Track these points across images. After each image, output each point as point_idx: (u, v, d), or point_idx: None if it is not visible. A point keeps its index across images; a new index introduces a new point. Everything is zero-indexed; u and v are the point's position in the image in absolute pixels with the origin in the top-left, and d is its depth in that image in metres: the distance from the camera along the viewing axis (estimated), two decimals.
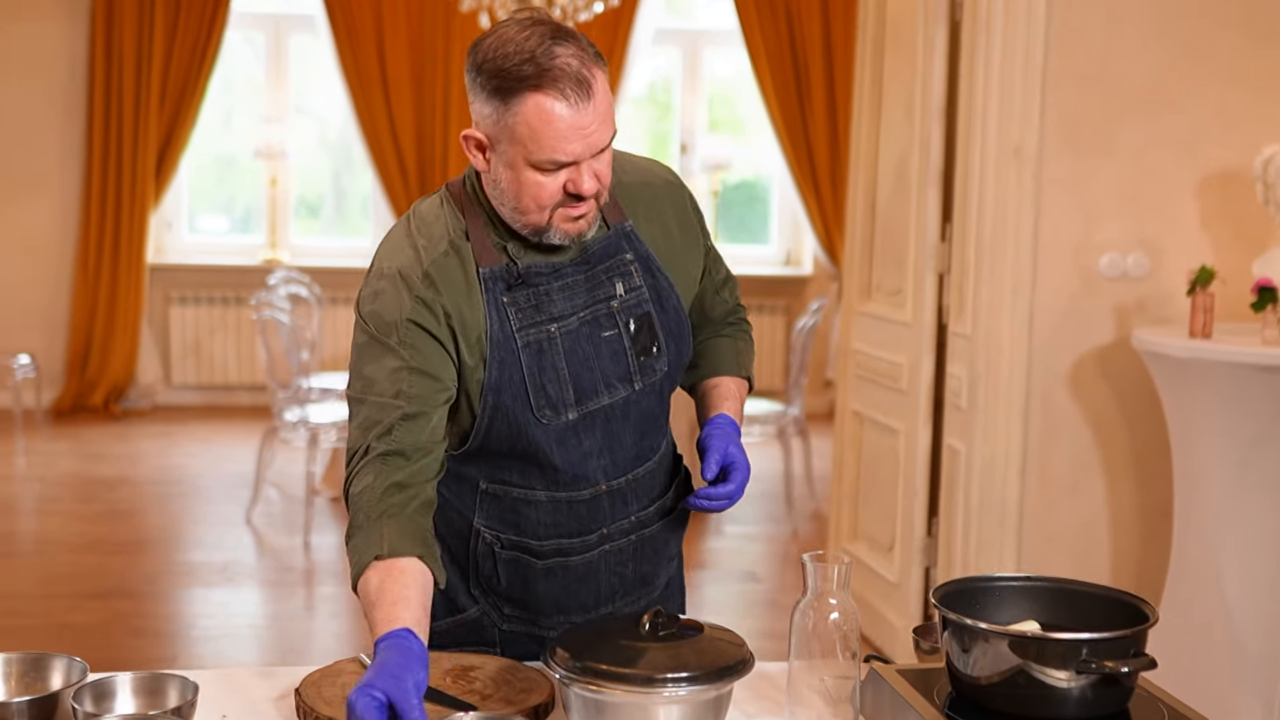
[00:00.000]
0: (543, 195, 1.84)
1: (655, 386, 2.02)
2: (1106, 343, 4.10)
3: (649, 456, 2.07)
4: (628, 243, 1.99)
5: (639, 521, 2.08)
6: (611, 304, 1.97)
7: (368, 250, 8.63)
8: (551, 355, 1.93)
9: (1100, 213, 4.07)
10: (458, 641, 2.10)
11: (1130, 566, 4.19)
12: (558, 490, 1.99)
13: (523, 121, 1.79)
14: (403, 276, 1.87)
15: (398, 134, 8.25)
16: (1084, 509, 4.17)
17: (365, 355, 1.88)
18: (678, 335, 2.04)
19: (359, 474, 1.85)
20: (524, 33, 1.79)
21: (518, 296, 1.91)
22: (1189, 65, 4.04)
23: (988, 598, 1.87)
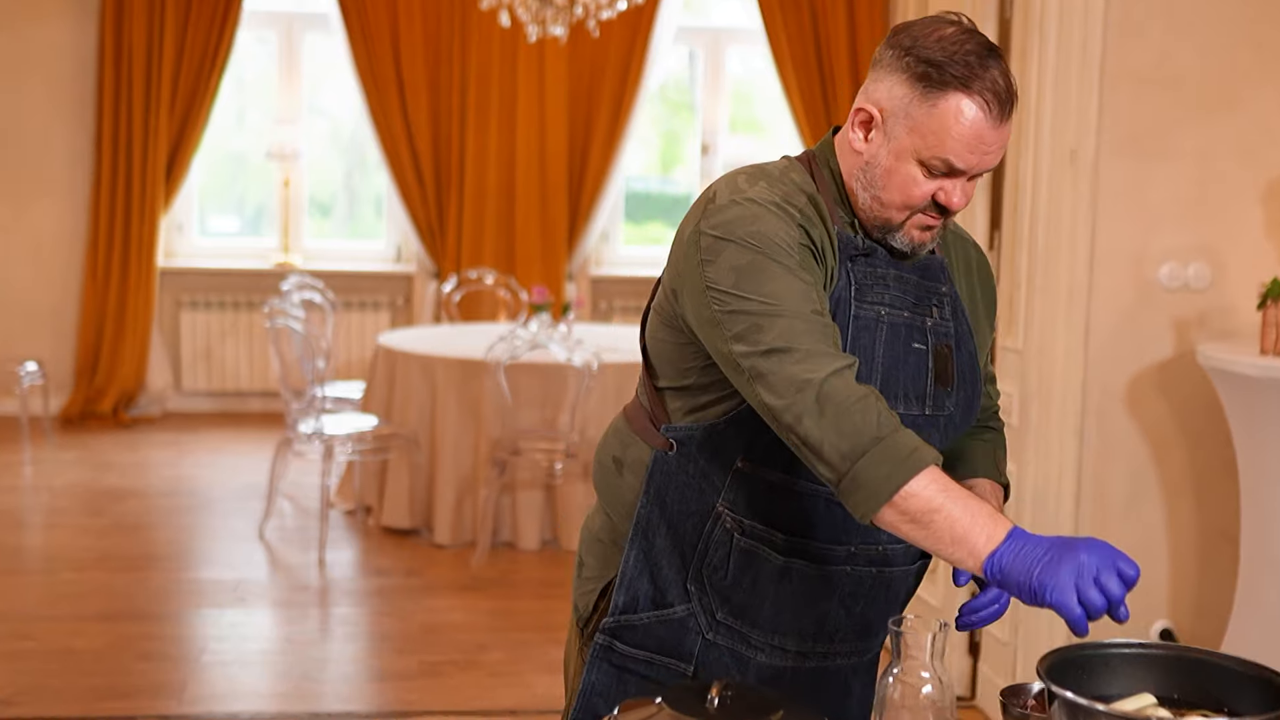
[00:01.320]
0: (913, 193, 1.81)
1: (940, 424, 1.91)
2: (1166, 358, 3.89)
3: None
4: (944, 275, 1.95)
5: (885, 555, 1.94)
6: (927, 320, 1.91)
7: (382, 253, 8.44)
8: (873, 337, 1.85)
9: (1160, 220, 3.86)
10: (656, 641, 1.95)
11: (1189, 594, 3.98)
12: (821, 484, 1.83)
13: (937, 115, 1.76)
14: (780, 206, 1.80)
15: (413, 135, 8.05)
16: (1141, 532, 3.95)
17: (758, 275, 1.74)
18: (969, 385, 1.95)
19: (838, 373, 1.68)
20: (962, 35, 1.78)
21: (859, 269, 1.85)
22: (1253, 64, 3.83)
23: (1096, 667, 1.67)
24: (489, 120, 8.07)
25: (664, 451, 1.93)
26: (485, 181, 8.11)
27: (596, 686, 2.00)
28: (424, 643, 4.67)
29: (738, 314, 1.75)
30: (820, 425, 1.66)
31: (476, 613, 5.00)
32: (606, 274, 8.48)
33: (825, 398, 1.66)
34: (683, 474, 1.92)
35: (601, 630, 1.99)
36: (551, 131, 8.11)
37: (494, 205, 8.14)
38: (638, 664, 1.97)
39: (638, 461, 1.98)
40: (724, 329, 1.76)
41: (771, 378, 1.70)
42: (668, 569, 1.94)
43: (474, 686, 4.29)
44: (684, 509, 1.92)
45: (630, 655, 1.97)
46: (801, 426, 1.67)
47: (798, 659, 1.96)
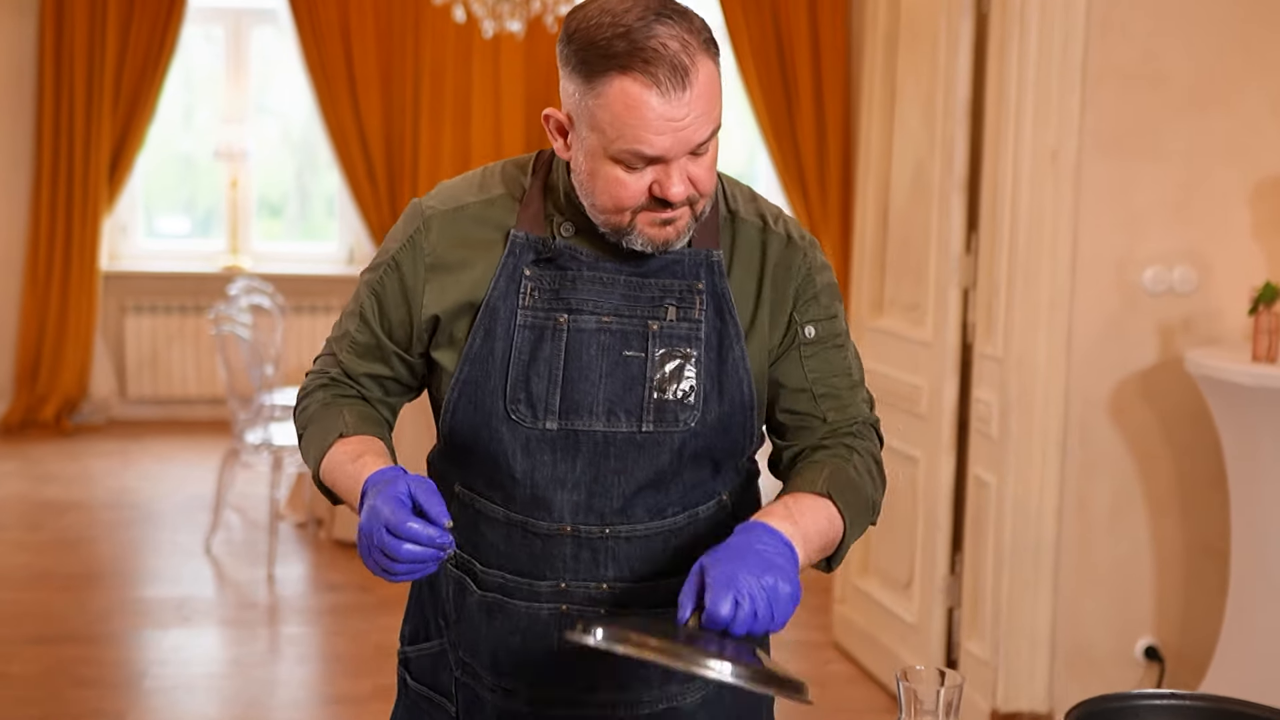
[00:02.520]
0: (623, 195, 1.60)
1: (673, 442, 1.69)
2: (1150, 365, 3.74)
3: (645, 519, 1.72)
4: (706, 273, 1.70)
5: (613, 594, 1.73)
6: (650, 324, 1.69)
7: (333, 256, 8.22)
8: (550, 348, 1.68)
9: (1144, 223, 3.71)
10: (430, 676, 1.82)
11: (1176, 610, 3.84)
12: (514, 510, 1.72)
13: (605, 105, 1.55)
14: (422, 210, 1.75)
15: (365, 133, 7.84)
16: (1126, 546, 3.81)
17: (360, 284, 1.81)
18: (731, 398, 1.70)
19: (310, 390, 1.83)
20: (626, 2, 1.56)
21: (541, 273, 1.69)
22: (1241, 60, 3.69)
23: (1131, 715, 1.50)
24: (443, 118, 7.86)
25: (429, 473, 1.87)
26: (439, 180, 7.89)
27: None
28: (378, 664, 4.47)
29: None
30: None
31: None
32: None
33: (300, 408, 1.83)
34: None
35: (399, 662, 1.90)
36: (508, 130, 7.91)
37: None
38: (424, 702, 1.85)
39: None
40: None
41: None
42: (429, 599, 1.84)
43: None
44: None
45: (418, 692, 1.86)
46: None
47: (538, 706, 1.76)
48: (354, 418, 1.73)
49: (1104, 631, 3.82)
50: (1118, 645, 3.83)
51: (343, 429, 1.71)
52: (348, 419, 1.73)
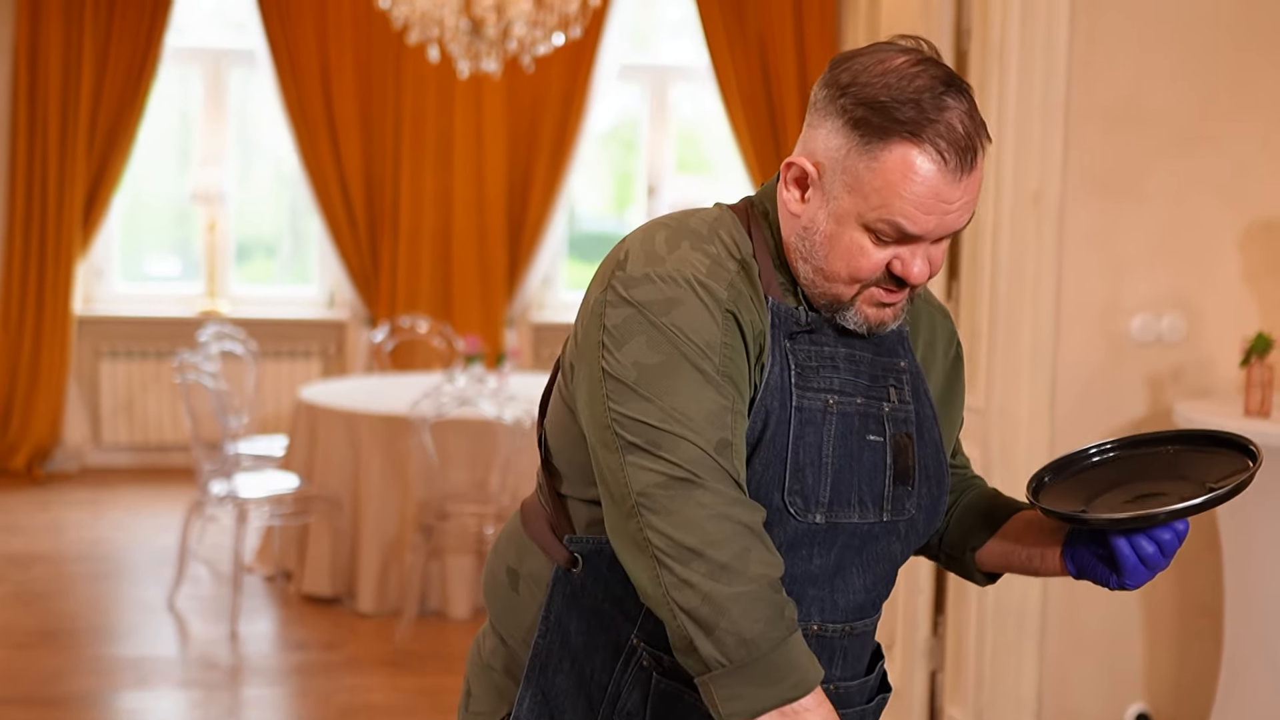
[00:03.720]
0: (861, 265, 1.49)
1: (900, 530, 1.60)
2: (1139, 417, 3.58)
3: (870, 614, 1.64)
4: (903, 349, 1.62)
5: (836, 695, 1.60)
6: (884, 406, 1.58)
7: (314, 299, 8.07)
8: (820, 434, 1.53)
9: (1131, 268, 3.56)
10: None
11: (1168, 675, 3.66)
12: None
13: (880, 171, 1.44)
14: (703, 286, 1.48)
15: (345, 175, 7.70)
16: (1115, 609, 3.63)
17: (666, 379, 1.44)
18: (934, 480, 1.61)
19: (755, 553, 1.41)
20: (914, 67, 1.46)
21: (800, 349, 1.54)
22: (1229, 99, 3.54)
23: None
24: (424, 160, 7.73)
25: (566, 569, 1.59)
26: (421, 223, 7.76)
27: None
28: None
29: (634, 420, 1.43)
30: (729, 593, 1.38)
31: (401, 691, 4.62)
32: (549, 320, 8.12)
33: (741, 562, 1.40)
34: (590, 598, 1.58)
35: None
36: (490, 171, 7.78)
37: (430, 248, 7.79)
38: None
39: (536, 576, 1.65)
40: (616, 432, 1.44)
41: (669, 515, 1.40)
42: (571, 714, 1.60)
43: None
44: (591, 641, 1.58)
45: None
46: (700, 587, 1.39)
47: None
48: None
49: (1093, 697, 3.64)
50: (1107, 711, 3.65)
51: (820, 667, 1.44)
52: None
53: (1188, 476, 1.58)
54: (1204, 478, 1.57)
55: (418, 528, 5.18)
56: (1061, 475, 1.65)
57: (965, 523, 1.75)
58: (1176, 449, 1.63)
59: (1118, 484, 1.61)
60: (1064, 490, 1.62)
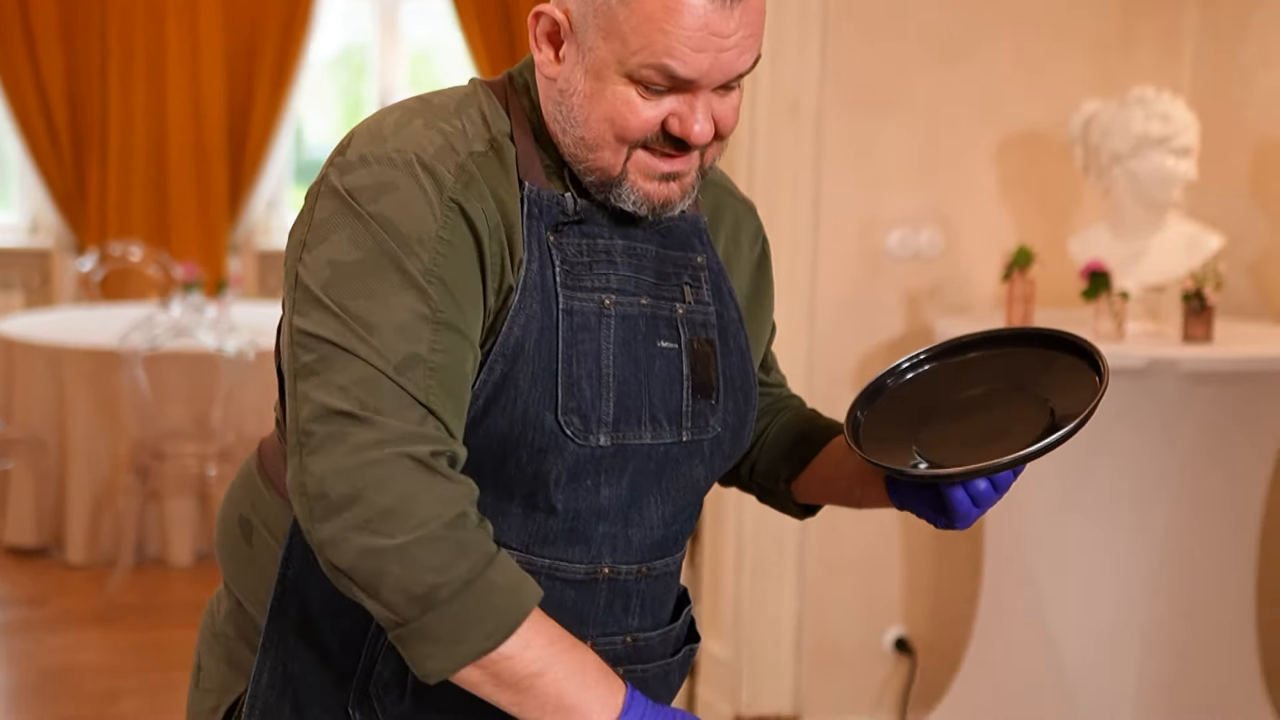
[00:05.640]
0: (630, 122, 1.25)
1: (704, 452, 1.37)
2: (897, 336, 3.47)
3: (672, 551, 1.40)
4: (700, 243, 1.40)
5: (634, 648, 1.36)
6: (677, 307, 1.35)
7: (14, 226, 7.41)
8: (598, 340, 1.29)
9: (889, 182, 3.44)
10: None
11: (925, 600, 3.59)
12: (542, 553, 1.31)
13: (638, 6, 1.21)
14: (425, 168, 1.23)
15: (46, 90, 7.05)
16: (872, 532, 3.54)
17: (357, 281, 1.20)
18: (741, 393, 1.40)
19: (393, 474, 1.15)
20: None
21: (567, 243, 1.30)
22: (987, 10, 3.44)
23: None
24: (135, 74, 7.14)
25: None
26: (132, 141, 7.18)
27: None
28: (46, 694, 3.89)
29: (310, 336, 1.19)
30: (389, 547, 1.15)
31: (115, 649, 4.23)
32: (276, 246, 7.66)
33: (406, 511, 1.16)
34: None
35: None
36: (208, 88, 7.24)
37: (143, 169, 7.22)
38: None
39: (273, 525, 1.38)
40: (294, 353, 1.20)
41: (323, 455, 1.16)
42: (318, 688, 1.34)
43: None
44: (338, 602, 1.30)
45: None
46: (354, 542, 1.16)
47: None
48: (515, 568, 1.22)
49: (851, 624, 3.55)
50: (866, 638, 3.57)
51: (534, 586, 1.20)
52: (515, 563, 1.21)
53: (1025, 387, 1.38)
54: (1042, 391, 1.37)
55: (132, 469, 4.76)
56: (875, 404, 1.42)
57: (780, 449, 1.54)
58: (999, 353, 1.44)
59: (943, 407, 1.40)
60: (885, 422, 1.40)
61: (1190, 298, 2.97)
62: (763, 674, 3.53)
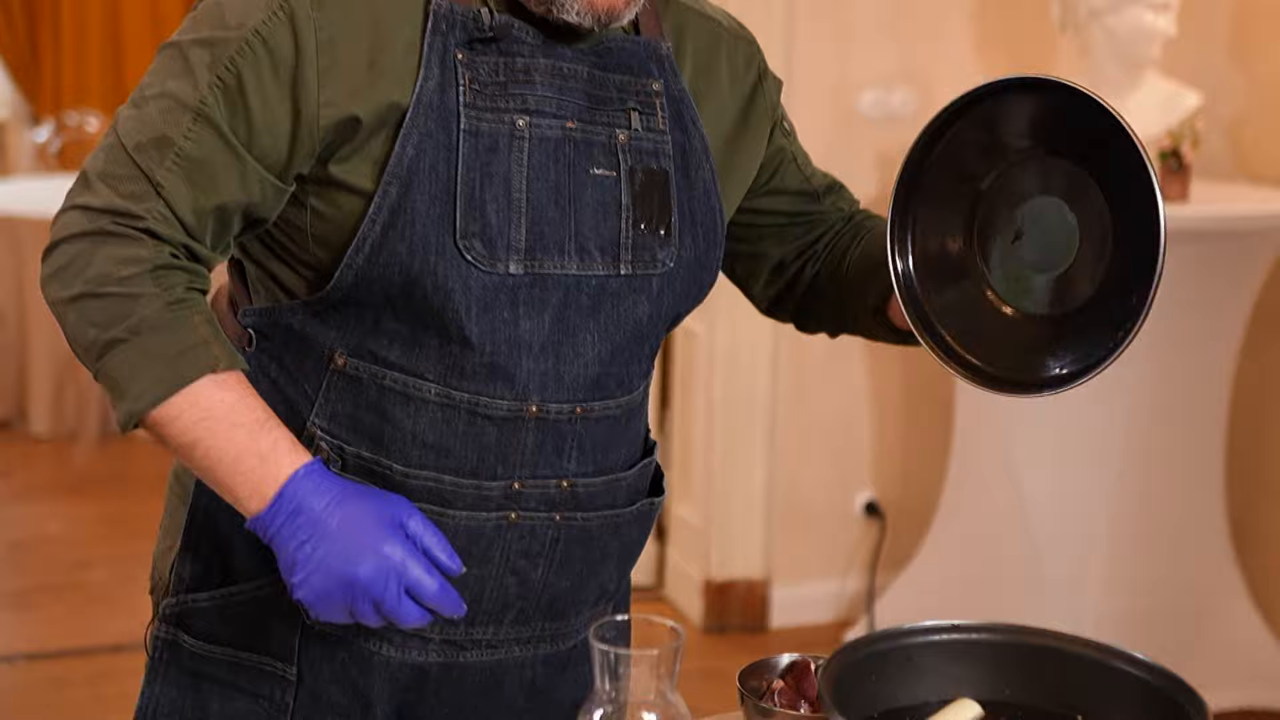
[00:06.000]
0: None
1: (650, 288, 1.30)
2: (870, 198, 3.38)
3: (616, 393, 1.32)
4: (659, 68, 1.31)
5: (571, 494, 1.30)
6: (617, 134, 1.28)
7: None
8: (507, 163, 1.22)
9: (861, 42, 3.36)
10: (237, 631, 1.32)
11: (897, 457, 3.59)
12: (460, 386, 1.25)
13: None
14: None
15: None
16: (842, 395, 3.53)
17: (162, 60, 1.22)
18: (705, 228, 1.33)
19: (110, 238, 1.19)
20: None
21: (479, 61, 1.23)
22: None
23: (895, 664, 1.13)
24: None
25: (242, 349, 1.29)
26: (86, 10, 6.99)
27: (161, 705, 1.36)
28: (12, 564, 3.88)
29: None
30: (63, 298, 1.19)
31: (81, 521, 4.21)
32: None
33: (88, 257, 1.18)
34: (266, 380, 1.29)
35: (162, 618, 1.36)
36: None
37: (99, 35, 7.03)
38: (217, 667, 1.34)
39: None
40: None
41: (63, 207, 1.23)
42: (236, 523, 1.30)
43: (71, 618, 3.54)
44: None
45: (205, 654, 1.34)
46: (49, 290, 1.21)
47: (447, 651, 1.32)
48: (213, 333, 1.20)
49: (821, 488, 3.55)
50: (836, 502, 3.57)
51: (211, 361, 1.18)
52: (211, 337, 1.20)
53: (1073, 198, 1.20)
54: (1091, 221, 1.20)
55: None
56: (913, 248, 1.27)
57: (863, 274, 1.42)
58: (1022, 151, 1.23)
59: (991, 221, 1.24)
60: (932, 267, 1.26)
61: (1167, 156, 2.93)
62: (733, 538, 3.54)
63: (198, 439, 1.17)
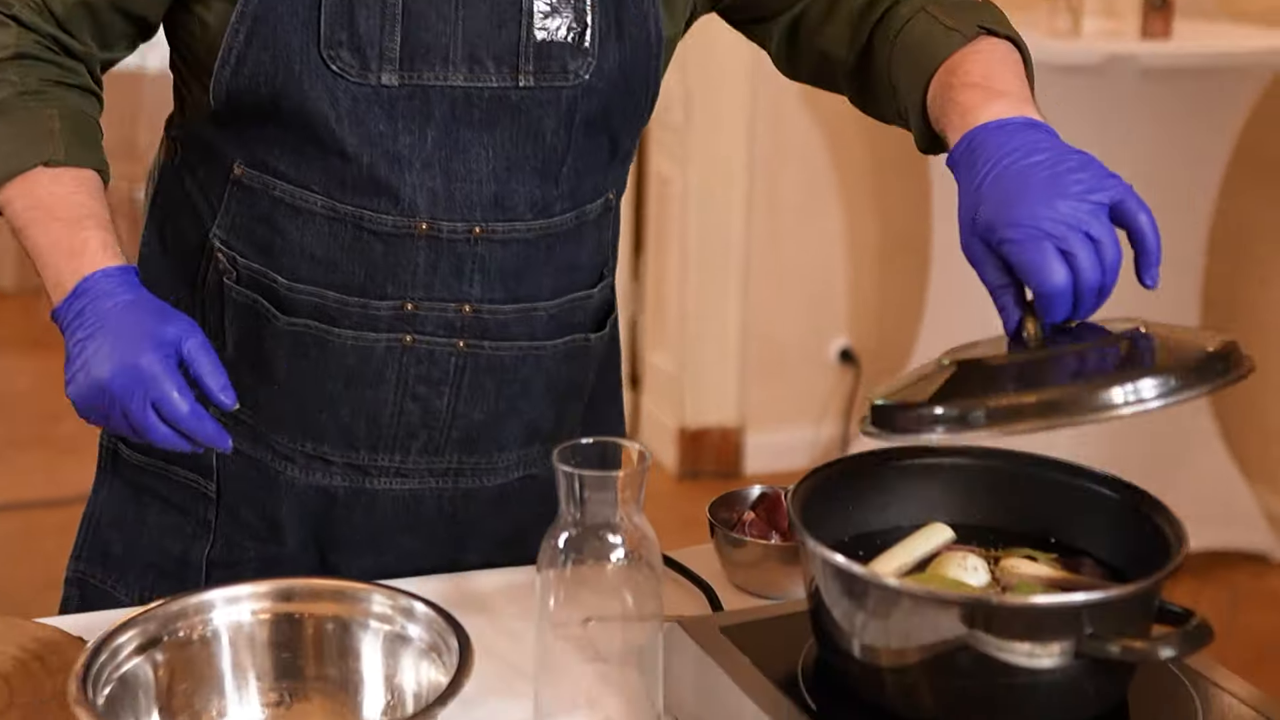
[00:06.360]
0: None
1: (560, 101, 1.21)
2: None
3: (524, 215, 1.23)
4: None
5: (476, 319, 1.24)
6: None
7: None
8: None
9: None
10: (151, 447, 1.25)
11: (872, 304, 3.57)
12: (343, 198, 1.20)
13: None
14: None
15: None
16: (817, 242, 3.50)
17: None
18: (634, 37, 1.21)
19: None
20: None
21: None
22: None
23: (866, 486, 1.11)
24: None
25: (168, 161, 1.28)
26: None
27: (106, 512, 1.36)
28: None
29: None
30: None
31: (48, 375, 4.12)
32: None
33: None
34: (179, 193, 1.27)
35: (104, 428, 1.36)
36: None
37: None
38: (152, 479, 1.33)
39: (153, 175, 1.35)
40: None
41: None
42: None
43: (41, 470, 3.53)
44: (182, 245, 1.27)
45: (141, 465, 1.33)
46: None
47: (351, 476, 1.28)
48: (69, 130, 1.17)
49: (796, 334, 3.53)
50: (811, 348, 3.56)
51: (51, 152, 1.16)
52: (59, 131, 1.17)
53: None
54: None
55: None
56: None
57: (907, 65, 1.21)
58: None
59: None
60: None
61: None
62: (707, 386, 3.53)
63: (24, 226, 1.15)
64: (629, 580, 1.00)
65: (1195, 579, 3.07)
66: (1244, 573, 3.18)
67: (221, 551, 1.31)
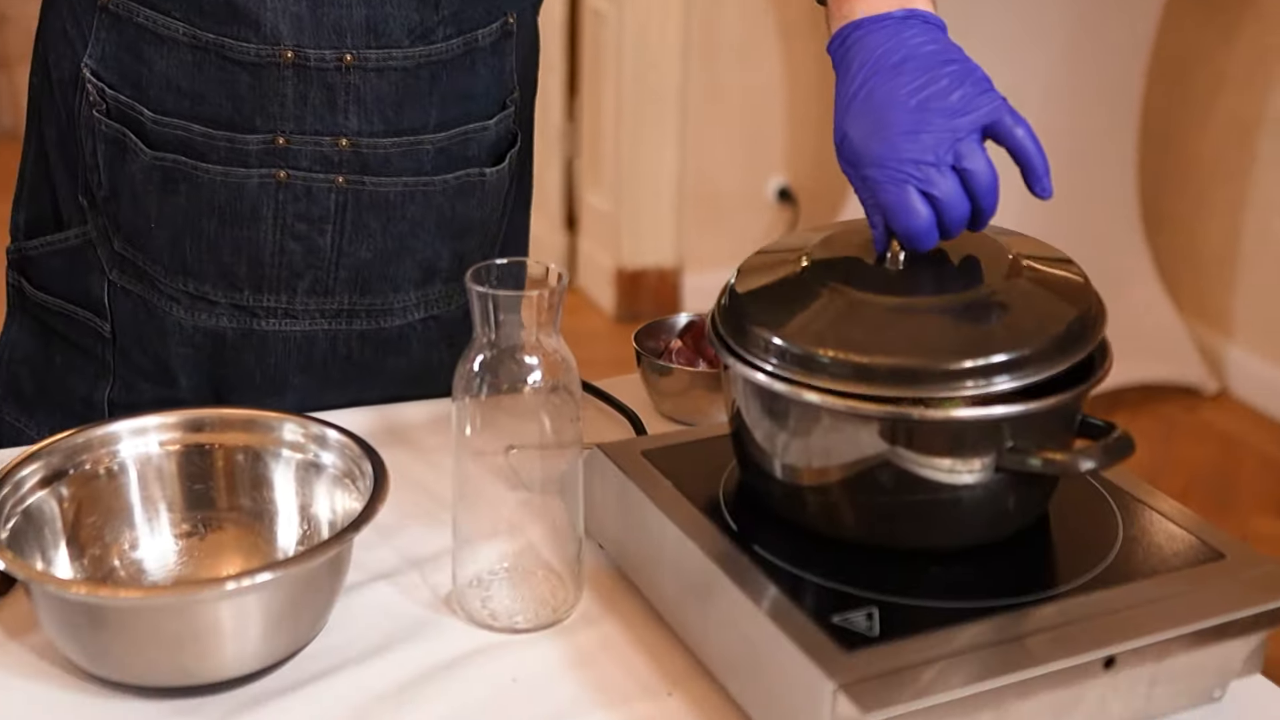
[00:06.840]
0: None
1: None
2: None
3: (404, 42, 1.17)
4: None
5: (355, 154, 1.18)
6: None
7: None
8: None
9: None
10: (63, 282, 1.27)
11: (809, 142, 3.53)
12: (203, 25, 1.14)
13: None
14: None
15: None
16: (756, 80, 3.44)
17: None
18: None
19: None
20: None
21: None
22: None
23: None
24: None
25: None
26: None
27: (17, 349, 1.33)
28: None
29: None
30: None
31: None
32: None
33: None
34: (58, 20, 1.21)
35: (8, 264, 1.32)
36: None
37: None
38: (55, 319, 1.29)
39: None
40: None
41: None
42: (62, 170, 1.25)
43: None
44: (60, 76, 1.21)
45: (43, 304, 1.30)
46: None
47: (238, 317, 1.24)
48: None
49: (733, 173, 3.50)
50: (748, 188, 3.52)
51: None
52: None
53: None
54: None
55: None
56: None
57: None
58: None
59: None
60: None
61: None
62: (644, 226, 3.49)
63: None
64: (546, 404, 0.98)
65: (1128, 411, 3.10)
66: (1176, 405, 3.22)
67: (120, 393, 1.28)
